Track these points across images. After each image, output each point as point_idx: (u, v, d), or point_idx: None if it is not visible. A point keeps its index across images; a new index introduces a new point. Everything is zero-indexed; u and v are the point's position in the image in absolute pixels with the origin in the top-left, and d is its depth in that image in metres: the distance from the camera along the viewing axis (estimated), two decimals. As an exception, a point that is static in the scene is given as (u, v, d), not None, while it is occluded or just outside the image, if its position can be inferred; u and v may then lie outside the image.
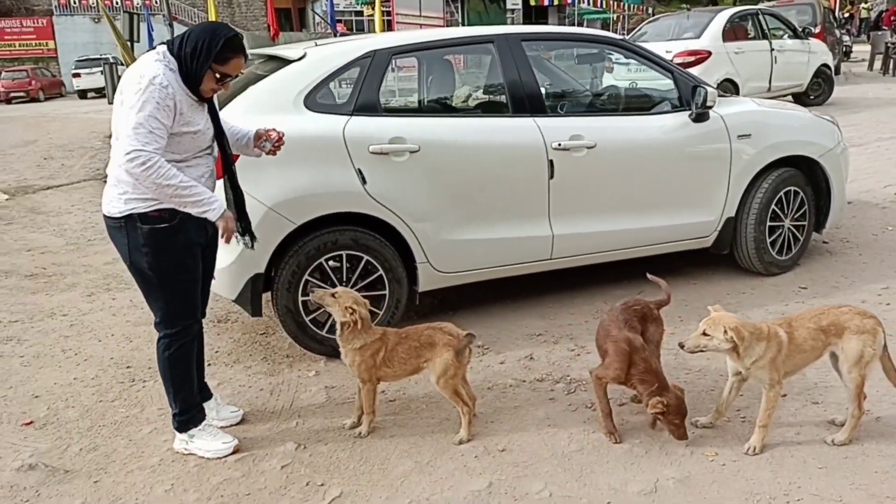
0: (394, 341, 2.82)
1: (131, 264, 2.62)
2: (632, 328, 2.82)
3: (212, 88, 2.57)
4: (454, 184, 3.70)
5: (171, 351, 2.71)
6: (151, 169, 2.37)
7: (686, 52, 10.41)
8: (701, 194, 4.27)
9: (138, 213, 2.51)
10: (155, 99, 2.39)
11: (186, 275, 2.67)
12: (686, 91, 4.20)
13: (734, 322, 2.54)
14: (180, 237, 2.59)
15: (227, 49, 2.50)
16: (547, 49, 5.41)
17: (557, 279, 4.41)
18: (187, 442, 2.80)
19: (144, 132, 2.37)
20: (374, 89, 3.64)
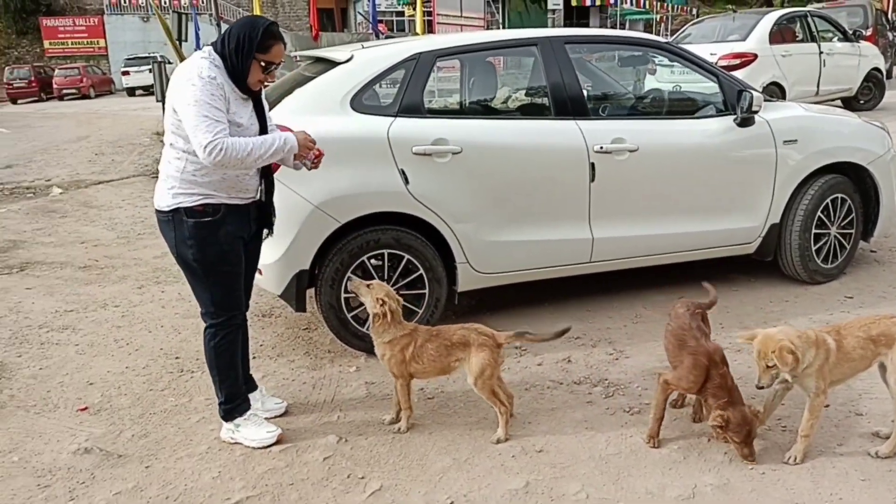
0: (424, 338, 2.88)
1: (178, 256, 2.74)
2: (707, 336, 2.81)
3: (258, 80, 2.67)
4: (495, 185, 3.74)
5: (216, 340, 2.82)
6: (228, 151, 2.48)
7: (731, 55, 10.24)
8: (744, 200, 4.23)
9: (184, 207, 2.64)
10: (208, 90, 2.51)
11: (229, 267, 2.77)
12: (731, 95, 4.16)
13: (780, 343, 2.45)
14: (223, 230, 2.70)
15: (267, 37, 2.61)
16: (590, 52, 5.40)
17: (597, 282, 4.41)
18: (233, 431, 2.90)
19: (208, 122, 2.48)
20: (418, 91, 3.70)
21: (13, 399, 3.36)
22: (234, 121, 2.62)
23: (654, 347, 3.67)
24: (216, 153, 2.47)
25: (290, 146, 2.68)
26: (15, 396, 3.39)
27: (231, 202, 2.71)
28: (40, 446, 2.93)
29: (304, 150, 2.76)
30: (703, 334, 2.80)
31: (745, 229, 4.27)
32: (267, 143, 2.61)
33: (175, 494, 2.58)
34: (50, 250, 6.08)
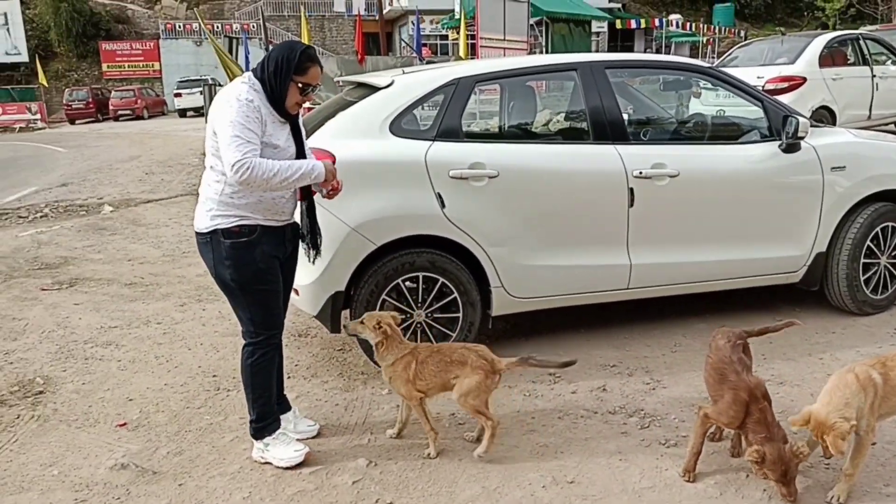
0: (424, 355, 2.93)
1: (217, 276, 2.81)
2: (748, 369, 2.72)
3: (296, 102, 2.74)
4: (532, 210, 3.73)
5: (254, 359, 2.86)
6: (255, 170, 2.54)
7: (779, 78, 10.03)
8: (789, 227, 4.12)
9: (221, 229, 2.71)
10: (244, 112, 2.59)
11: (266, 286, 2.82)
12: (776, 120, 4.07)
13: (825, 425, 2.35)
14: (259, 250, 2.76)
15: (304, 59, 2.70)
16: (631, 76, 5.37)
17: (635, 309, 4.34)
18: (263, 451, 2.92)
19: (240, 142, 2.55)
20: (456, 116, 3.73)
21: (56, 413, 3.46)
22: (270, 143, 2.68)
23: (693, 378, 3.58)
24: (242, 171, 2.52)
25: (317, 173, 2.73)
26: (58, 410, 3.49)
27: (267, 223, 2.77)
28: (79, 461, 3.00)
29: (332, 176, 2.81)
30: (744, 367, 2.72)
31: (789, 258, 4.15)
32: (294, 167, 2.66)
33: (206, 513, 2.61)
34: (98, 267, 6.27)
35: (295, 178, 2.67)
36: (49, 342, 4.43)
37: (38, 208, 9.61)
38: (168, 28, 36.98)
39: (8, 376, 3.91)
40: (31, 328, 4.70)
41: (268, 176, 2.57)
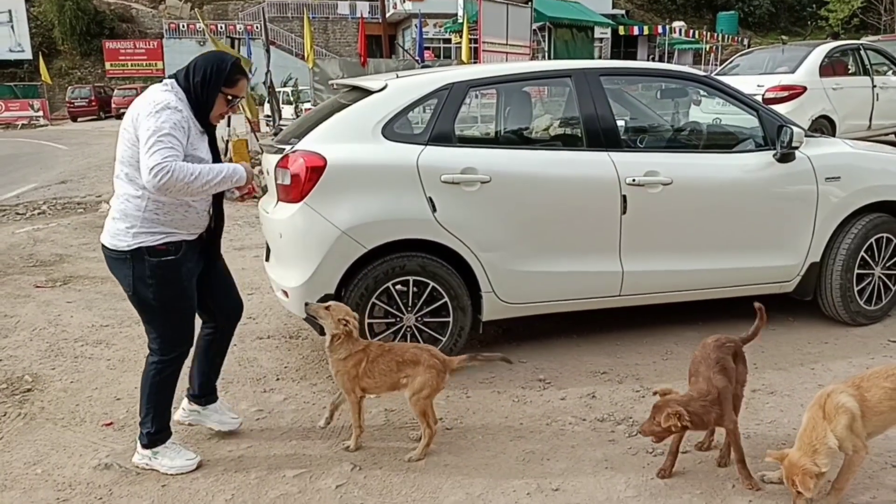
0: (375, 353, 2.95)
1: (134, 294, 2.72)
2: (725, 371, 2.72)
3: (221, 113, 2.73)
4: (524, 215, 3.72)
5: (162, 376, 2.81)
6: (175, 174, 2.47)
7: (779, 87, 10.02)
8: (783, 237, 4.11)
9: (146, 247, 2.64)
10: (172, 119, 2.53)
11: (187, 302, 2.81)
12: (771, 130, 4.07)
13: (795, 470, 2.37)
14: (184, 268, 2.74)
15: (235, 72, 2.68)
16: (627, 84, 5.37)
17: (627, 316, 4.33)
18: (150, 458, 2.86)
19: (163, 146, 2.48)
20: (449, 120, 3.72)
21: (43, 411, 3.45)
22: (195, 155, 2.65)
23: (684, 386, 3.52)
24: (162, 174, 2.45)
25: (238, 176, 2.70)
26: (45, 409, 3.48)
27: (189, 238, 2.75)
28: (64, 459, 2.99)
29: (250, 180, 2.79)
30: (720, 368, 2.70)
31: (783, 267, 4.14)
32: (215, 170, 2.62)
33: (188, 515, 2.60)
34: (93, 265, 6.26)
35: (216, 182, 2.61)
36: (40, 340, 4.42)
37: (36, 205, 9.61)
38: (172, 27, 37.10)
39: (-3, 374, 3.90)
40: (22, 325, 4.70)
41: (188, 179, 2.50)
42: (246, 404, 3.49)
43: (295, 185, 3.51)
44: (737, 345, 2.91)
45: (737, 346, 2.91)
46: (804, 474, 2.35)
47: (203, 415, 3.14)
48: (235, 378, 3.79)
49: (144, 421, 2.85)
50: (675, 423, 2.55)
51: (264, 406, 3.46)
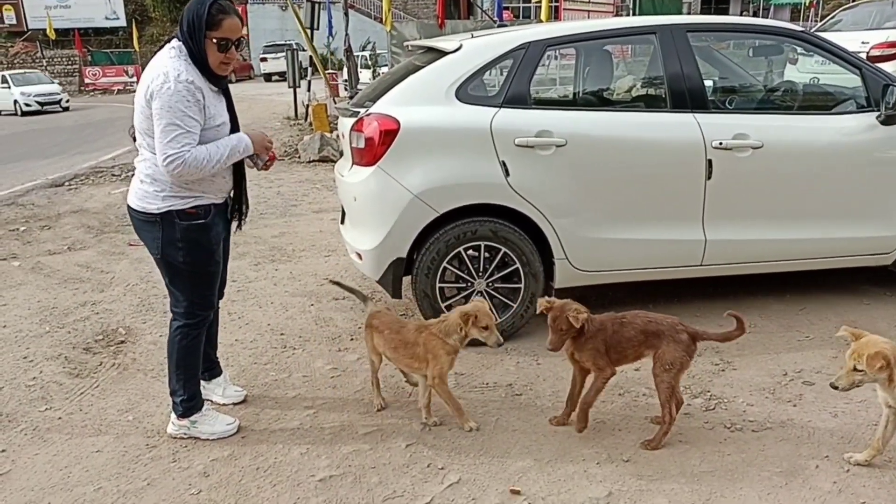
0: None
1: (162, 258, 2.71)
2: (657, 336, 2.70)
3: (220, 62, 2.58)
4: (600, 180, 3.61)
5: (187, 340, 2.81)
6: (188, 164, 2.48)
7: (887, 44, 9.25)
8: (884, 206, 3.83)
9: (177, 210, 2.63)
10: (183, 97, 2.46)
11: (215, 267, 2.81)
12: (875, 89, 3.77)
13: (880, 348, 2.28)
14: (213, 232, 2.74)
15: (215, 12, 2.51)
16: (717, 41, 5.07)
17: (708, 286, 4.16)
18: (189, 427, 2.88)
19: (178, 132, 2.46)
20: (524, 82, 3.62)
21: (135, 362, 3.67)
22: (215, 124, 2.61)
23: (767, 361, 3.42)
24: (176, 165, 2.47)
25: (245, 145, 2.67)
26: (137, 360, 3.69)
27: (217, 201, 2.75)
28: (153, 408, 3.17)
29: (261, 149, 2.75)
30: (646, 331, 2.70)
31: (882, 238, 3.86)
32: (222, 147, 2.59)
33: (265, 466, 2.71)
34: (181, 225, 6.55)
35: (226, 158, 2.60)
36: (132, 295, 4.68)
37: (131, 167, 10.10)
38: (256, -7, 37.74)
39: (94, 326, 4.16)
40: (116, 281, 4.99)
41: (201, 166, 2.51)
42: (321, 362, 3.59)
43: (369, 149, 3.53)
44: (691, 334, 2.73)
45: (690, 335, 2.73)
46: (877, 354, 2.28)
47: (208, 389, 3.12)
48: (312, 336, 3.91)
49: (176, 389, 2.86)
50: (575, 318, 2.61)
51: (339, 365, 3.55)
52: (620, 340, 2.71)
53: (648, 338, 2.71)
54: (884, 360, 2.28)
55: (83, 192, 8.55)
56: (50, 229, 6.67)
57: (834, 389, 2.40)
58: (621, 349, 2.71)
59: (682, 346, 2.69)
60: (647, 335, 2.71)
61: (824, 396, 3.07)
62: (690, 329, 2.75)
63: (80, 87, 32.30)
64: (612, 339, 2.71)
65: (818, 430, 2.82)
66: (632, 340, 2.72)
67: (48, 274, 5.21)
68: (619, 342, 2.70)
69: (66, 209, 7.54)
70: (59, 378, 3.50)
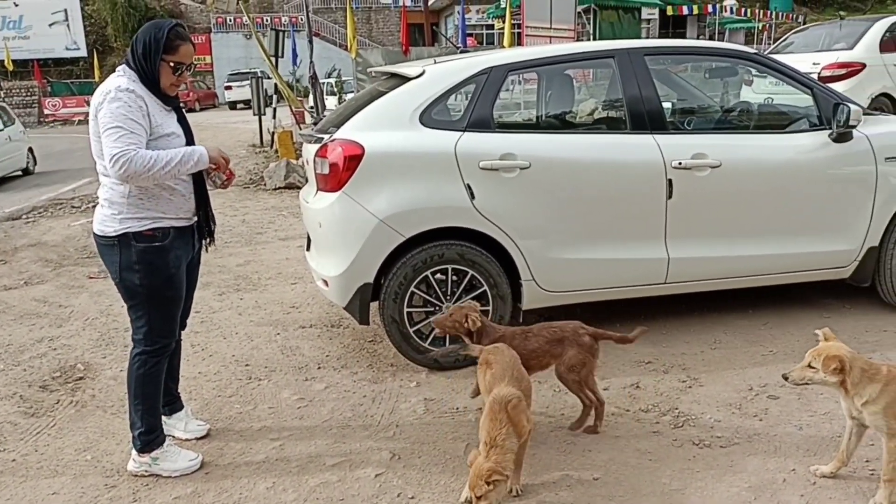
0: None
1: (121, 281, 2.69)
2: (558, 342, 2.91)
3: (171, 84, 2.65)
4: (564, 201, 3.64)
5: (146, 368, 2.74)
6: (134, 162, 2.45)
7: (836, 65, 9.59)
8: (839, 221, 3.92)
9: (133, 232, 2.62)
10: (125, 102, 2.49)
11: (174, 292, 2.76)
12: (826, 108, 3.88)
13: (839, 352, 2.33)
14: (172, 255, 2.70)
15: (174, 37, 2.60)
16: (674, 64, 5.20)
17: (673, 304, 4.20)
18: (150, 464, 2.79)
19: (122, 132, 2.46)
20: (487, 106, 3.66)
21: (94, 399, 3.55)
22: (163, 132, 2.62)
23: (732, 376, 3.45)
24: (122, 162, 2.43)
25: (198, 156, 2.64)
26: (96, 396, 3.58)
27: (178, 224, 2.72)
28: (112, 446, 3.07)
29: (218, 162, 2.73)
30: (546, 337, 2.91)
31: (839, 252, 3.95)
32: (173, 153, 2.57)
33: (230, 502, 2.63)
34: (144, 256, 6.42)
35: (176, 164, 2.56)
36: (92, 329, 4.56)
37: (91, 199, 9.91)
38: (219, 22, 37.75)
39: (51, 362, 4.03)
40: (75, 315, 4.85)
41: (149, 164, 2.48)
42: (288, 392, 3.52)
43: (333, 174, 3.51)
44: (592, 335, 2.94)
45: (591, 335, 2.94)
46: (832, 356, 2.33)
47: (169, 424, 3.02)
48: (278, 366, 3.84)
49: (135, 422, 2.78)
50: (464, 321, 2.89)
51: (306, 394, 3.49)
52: (523, 352, 2.83)
53: (553, 346, 2.92)
54: (839, 363, 2.32)
55: (41, 225, 8.35)
56: (6, 264, 6.48)
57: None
58: (524, 360, 2.82)
59: (585, 348, 2.90)
60: (551, 344, 2.92)
61: (789, 410, 3.11)
62: (591, 330, 2.96)
63: (40, 118, 31.74)
64: (516, 351, 2.81)
65: (784, 443, 2.84)
66: (536, 351, 2.91)
67: (3, 310, 5.05)
68: (523, 354, 2.81)
69: (24, 243, 7.34)
70: (14, 418, 3.37)
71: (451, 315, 2.99)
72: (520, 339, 2.93)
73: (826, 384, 2.38)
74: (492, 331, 2.98)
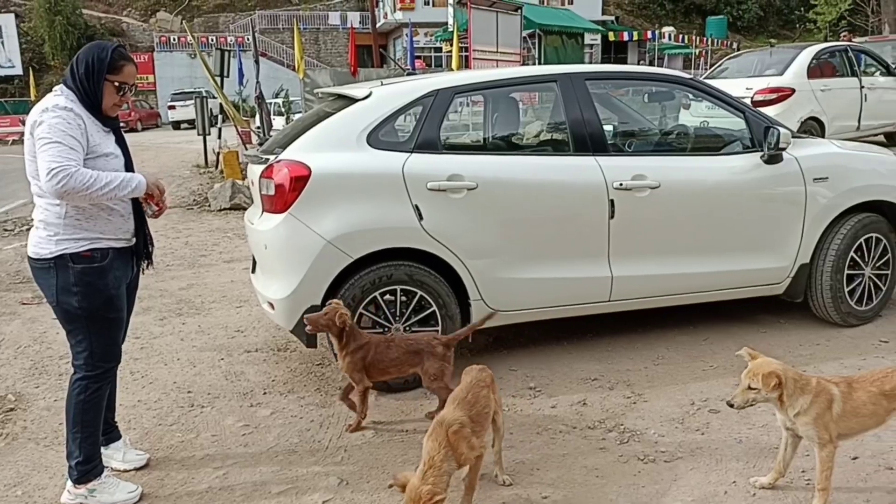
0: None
1: (58, 305, 2.60)
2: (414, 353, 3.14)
3: (114, 104, 2.63)
4: (511, 222, 3.69)
5: (87, 394, 2.65)
6: (74, 178, 2.40)
7: (768, 90, 10.06)
8: (772, 239, 4.09)
9: (70, 254, 2.54)
10: (63, 118, 2.46)
11: (115, 314, 2.68)
12: (758, 131, 4.06)
13: (774, 368, 2.42)
14: (111, 276, 2.63)
15: (118, 58, 2.58)
16: (615, 88, 5.35)
17: (617, 322, 4.29)
18: (86, 497, 2.67)
19: (61, 148, 2.42)
20: (435, 127, 3.69)
21: (25, 431, 3.39)
22: (101, 152, 2.57)
23: (674, 391, 3.54)
24: (61, 177, 2.38)
25: (136, 183, 2.59)
26: (28, 428, 3.42)
27: (117, 245, 2.66)
28: (45, 480, 2.92)
29: (153, 191, 2.68)
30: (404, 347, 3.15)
31: (773, 269, 4.11)
32: (114, 177, 2.52)
33: (171, 534, 2.54)
34: (81, 280, 6.20)
35: (114, 188, 2.50)
36: (24, 358, 4.36)
37: (24, 221, 9.52)
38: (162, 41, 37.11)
39: (-21, 393, 3.84)
40: (6, 343, 4.63)
41: (88, 183, 2.43)
42: (232, 419, 3.43)
43: (279, 196, 3.48)
44: (444, 343, 3.18)
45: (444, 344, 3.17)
46: (770, 373, 2.41)
47: (107, 454, 2.89)
48: (222, 393, 3.74)
49: (72, 451, 2.66)
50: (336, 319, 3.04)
51: (251, 421, 3.41)
52: (383, 360, 3.12)
53: (411, 357, 3.15)
54: (777, 379, 2.40)
55: (-30, 249, 7.97)
56: (-69, 290, 6.15)
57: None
58: (383, 367, 3.15)
59: (440, 357, 3.14)
60: (409, 354, 3.15)
61: (729, 423, 3.20)
62: (443, 339, 3.23)
63: (-29, 137, 30.44)
64: (374, 358, 3.13)
65: (725, 456, 2.92)
66: (395, 360, 3.15)
67: (-73, 338, 4.79)
68: (382, 361, 3.11)
69: (-49, 267, 6.99)
70: (-63, 453, 3.19)
71: (325, 314, 3.10)
72: (382, 347, 3.17)
73: (769, 401, 2.46)
74: (359, 336, 3.19)
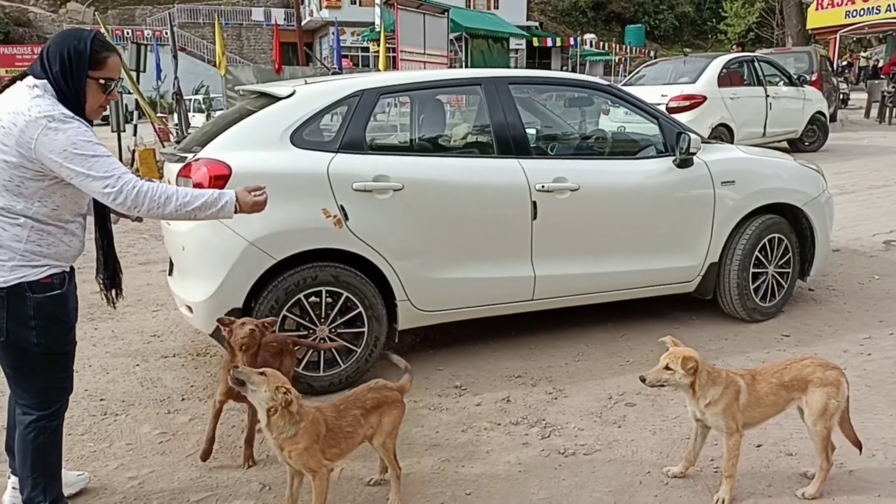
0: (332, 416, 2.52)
1: (8, 342, 2.23)
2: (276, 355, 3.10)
3: (100, 104, 2.28)
4: (437, 223, 3.72)
5: (45, 435, 2.36)
6: (145, 192, 2.16)
7: (681, 97, 10.54)
8: (684, 239, 4.29)
9: (28, 282, 2.20)
10: (83, 131, 2.14)
11: (70, 345, 2.41)
12: (671, 137, 4.24)
13: (693, 354, 2.55)
14: (70, 304, 2.36)
15: (99, 49, 2.21)
16: (537, 92, 5.48)
17: (540, 320, 4.40)
18: None
19: (107, 162, 2.14)
20: (360, 127, 3.68)
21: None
22: None
23: (593, 386, 3.66)
24: (128, 192, 2.14)
25: (224, 202, 2.30)
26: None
27: (67, 268, 2.36)
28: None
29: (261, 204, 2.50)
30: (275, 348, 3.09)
31: (684, 268, 4.32)
32: (194, 194, 2.24)
33: (82, 548, 2.44)
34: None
35: (194, 208, 2.24)
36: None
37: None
38: (73, 33, 35.26)
39: None
40: None
41: (161, 201, 2.17)
42: (148, 427, 3.32)
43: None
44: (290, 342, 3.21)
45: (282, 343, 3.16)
46: (687, 357, 2.51)
47: (13, 481, 2.60)
48: (137, 400, 3.61)
49: (33, 497, 2.37)
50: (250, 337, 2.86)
51: (168, 428, 3.31)
52: (266, 360, 3.01)
53: (276, 356, 3.10)
54: (694, 363, 2.50)
55: None
56: None
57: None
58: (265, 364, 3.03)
59: (291, 355, 3.20)
60: (273, 354, 3.10)
61: (645, 416, 3.34)
62: (299, 342, 3.33)
63: None
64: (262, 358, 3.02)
65: (640, 447, 3.05)
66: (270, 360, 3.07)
67: None
68: (266, 361, 2.98)
69: None
70: None
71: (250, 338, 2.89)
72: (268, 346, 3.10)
73: (679, 385, 2.56)
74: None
